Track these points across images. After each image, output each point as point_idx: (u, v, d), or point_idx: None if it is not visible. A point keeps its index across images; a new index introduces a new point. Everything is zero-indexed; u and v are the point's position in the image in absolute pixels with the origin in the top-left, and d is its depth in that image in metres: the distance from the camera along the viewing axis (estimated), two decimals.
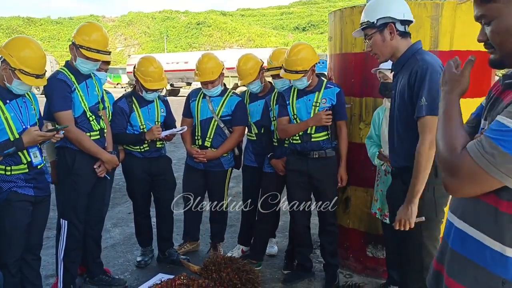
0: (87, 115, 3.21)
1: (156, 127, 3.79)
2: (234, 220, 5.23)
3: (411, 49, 2.47)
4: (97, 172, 3.28)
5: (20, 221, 2.73)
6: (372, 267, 3.79)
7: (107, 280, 3.58)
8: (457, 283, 1.46)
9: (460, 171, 1.32)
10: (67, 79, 3.12)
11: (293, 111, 3.61)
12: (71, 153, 3.18)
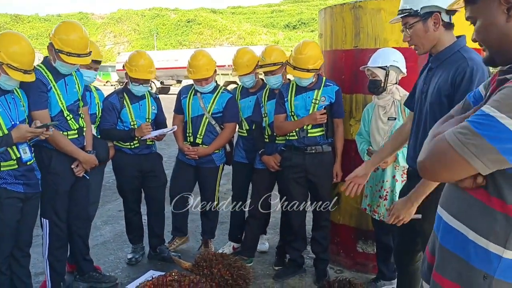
0: (64, 114, 3.12)
1: (145, 125, 3.77)
2: (225, 217, 5.22)
3: (456, 45, 2.25)
4: (75, 172, 3.22)
5: (9, 218, 2.71)
6: (362, 263, 3.83)
7: (98, 277, 3.57)
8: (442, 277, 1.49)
9: (432, 151, 1.36)
10: (43, 77, 3.02)
11: (291, 107, 3.62)
12: (47, 152, 3.11)
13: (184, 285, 2.91)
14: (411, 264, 2.58)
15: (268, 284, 3.66)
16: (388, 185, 3.23)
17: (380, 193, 3.26)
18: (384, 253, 3.45)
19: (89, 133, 3.39)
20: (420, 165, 1.42)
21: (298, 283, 3.67)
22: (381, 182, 3.27)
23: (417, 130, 2.36)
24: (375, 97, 3.29)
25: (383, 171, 3.24)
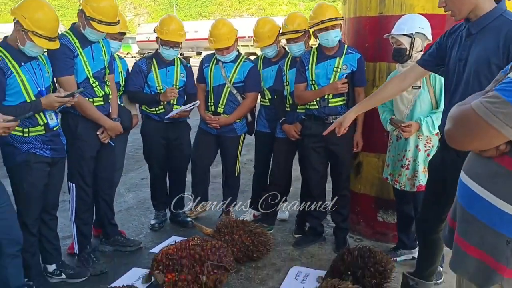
0: (90, 81, 3.16)
1: (170, 89, 3.77)
2: (245, 186, 5.28)
3: (498, 9, 2.13)
4: (100, 138, 3.28)
5: (38, 182, 2.80)
6: (382, 232, 3.84)
7: (123, 241, 3.68)
8: (464, 241, 1.50)
9: (461, 120, 1.34)
10: (70, 43, 3.05)
11: (311, 76, 3.59)
12: (74, 118, 3.18)
13: (206, 249, 2.98)
14: (434, 233, 2.57)
15: (288, 251, 3.71)
16: (411, 154, 3.19)
17: (402, 163, 3.23)
18: (405, 222, 3.45)
19: (114, 101, 3.43)
20: (448, 134, 1.41)
21: (317, 251, 3.72)
22: (403, 151, 3.23)
23: (452, 98, 2.30)
24: (399, 65, 3.22)
25: (406, 141, 3.20)
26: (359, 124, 3.61)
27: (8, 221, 2.54)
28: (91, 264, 3.32)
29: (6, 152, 2.75)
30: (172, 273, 2.86)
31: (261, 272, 3.34)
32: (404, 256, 3.47)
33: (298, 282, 3.18)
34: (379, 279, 2.90)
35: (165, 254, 2.96)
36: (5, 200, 2.53)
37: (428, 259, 2.65)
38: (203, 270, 2.87)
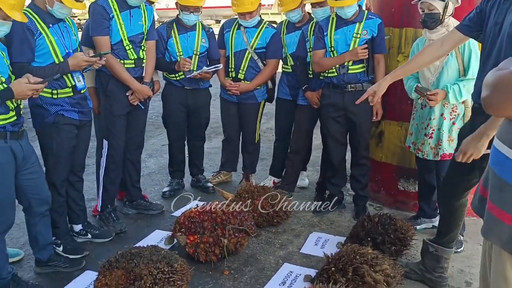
0: (124, 44, 3.22)
1: (184, 60, 3.74)
2: (265, 154, 5.30)
3: None
4: (130, 100, 3.35)
5: (66, 144, 2.85)
6: (402, 201, 3.84)
7: (145, 205, 3.76)
8: (497, 208, 1.48)
9: (499, 85, 1.30)
10: (107, 5, 3.13)
11: (330, 43, 3.52)
12: (105, 77, 3.27)
13: (227, 213, 3.03)
14: (457, 201, 2.55)
15: (308, 217, 3.74)
16: (435, 123, 3.14)
17: (426, 131, 3.19)
18: (426, 191, 3.43)
19: (150, 66, 3.46)
20: (485, 101, 1.37)
21: (337, 218, 3.74)
22: (427, 119, 3.18)
23: (485, 64, 2.23)
24: (426, 31, 3.12)
25: (430, 109, 3.14)
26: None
27: (37, 181, 2.61)
28: (111, 222, 3.42)
29: (35, 113, 2.80)
30: (194, 235, 2.92)
31: (281, 237, 3.39)
32: (424, 224, 3.47)
33: (318, 247, 3.22)
34: (399, 245, 2.93)
35: (187, 217, 3.02)
36: (34, 161, 2.59)
37: (449, 226, 2.65)
38: (224, 233, 2.93)
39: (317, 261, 3.00)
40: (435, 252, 2.68)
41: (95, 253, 3.10)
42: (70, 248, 3.00)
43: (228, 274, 2.86)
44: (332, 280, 2.47)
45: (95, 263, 2.87)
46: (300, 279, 2.80)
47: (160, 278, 2.36)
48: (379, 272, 2.48)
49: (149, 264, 2.39)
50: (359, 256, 2.55)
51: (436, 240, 2.71)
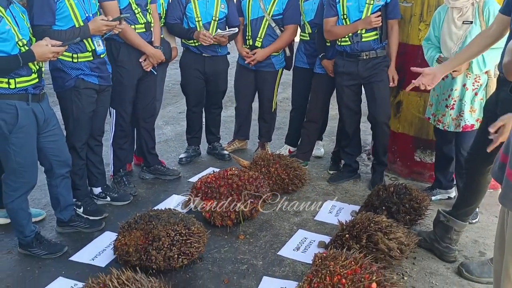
0: (133, 7, 3.19)
1: (203, 34, 3.70)
2: (281, 123, 5.30)
3: None
4: (143, 66, 3.34)
5: (86, 107, 2.89)
6: (418, 171, 3.82)
7: (162, 170, 3.82)
8: None
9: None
10: None
11: (342, 10, 3.45)
12: (116, 45, 3.26)
13: (243, 179, 3.06)
14: (480, 174, 2.50)
15: (323, 186, 3.77)
16: (457, 94, 3.08)
17: (447, 102, 3.13)
18: (444, 162, 3.41)
19: (157, 29, 3.44)
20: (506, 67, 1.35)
21: (352, 187, 3.76)
22: (449, 90, 3.12)
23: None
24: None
25: (452, 79, 3.08)
26: (393, 58, 3.50)
27: (58, 144, 2.66)
28: (122, 186, 3.50)
29: (56, 77, 2.83)
30: (211, 200, 2.97)
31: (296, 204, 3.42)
32: (439, 195, 3.46)
33: (332, 215, 3.25)
34: (413, 215, 2.94)
35: (203, 182, 3.07)
36: (55, 124, 2.64)
37: (468, 200, 2.63)
38: (240, 199, 2.97)
39: (331, 229, 3.04)
40: (445, 222, 2.68)
41: (114, 215, 3.18)
42: (90, 210, 3.09)
43: (243, 239, 2.91)
44: (346, 246, 2.51)
45: (114, 224, 2.95)
46: (314, 245, 2.84)
47: (177, 240, 2.42)
48: (393, 240, 2.50)
49: (167, 226, 2.45)
50: (373, 223, 2.57)
51: (451, 211, 2.71)
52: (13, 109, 2.34)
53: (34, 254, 2.63)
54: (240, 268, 2.59)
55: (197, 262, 2.62)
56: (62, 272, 2.52)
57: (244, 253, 2.75)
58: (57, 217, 2.90)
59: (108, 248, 2.74)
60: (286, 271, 2.57)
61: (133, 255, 2.42)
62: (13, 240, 2.78)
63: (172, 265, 2.42)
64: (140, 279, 2.07)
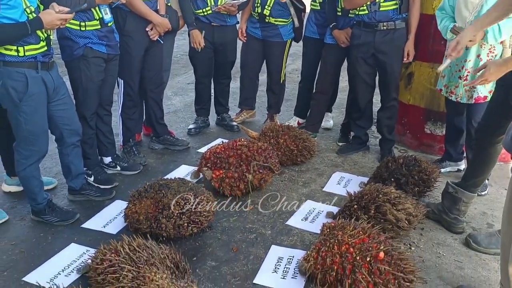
0: None
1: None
2: (290, 95, 5.27)
3: None
4: (150, 35, 3.31)
5: (95, 76, 2.88)
6: (428, 144, 3.80)
7: (172, 140, 3.84)
8: None
9: None
10: None
11: None
12: (122, 14, 3.21)
13: (252, 150, 3.06)
14: (491, 145, 2.47)
15: (331, 158, 3.76)
16: (471, 64, 3.02)
17: (461, 73, 3.07)
18: (454, 135, 3.38)
19: None
20: None
21: (361, 159, 3.75)
22: (462, 61, 3.06)
23: None
24: None
25: (466, 50, 3.01)
26: (412, 32, 3.41)
27: (68, 113, 2.67)
28: (132, 156, 3.53)
29: (64, 46, 2.81)
30: (220, 170, 2.98)
31: (304, 175, 3.43)
32: (449, 167, 3.45)
33: (341, 186, 3.26)
34: (422, 187, 2.93)
35: (213, 153, 3.07)
36: (65, 92, 2.64)
37: (477, 171, 2.61)
38: (249, 169, 2.98)
39: (340, 200, 3.05)
40: (454, 194, 2.68)
41: (124, 184, 3.21)
42: (101, 179, 3.12)
43: (252, 208, 2.94)
44: (354, 216, 2.52)
45: (125, 193, 2.99)
46: (322, 215, 2.86)
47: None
48: (401, 211, 2.51)
49: (177, 195, 2.47)
50: (382, 195, 2.57)
51: (460, 183, 2.70)
52: (22, 77, 2.34)
53: (46, 221, 2.68)
54: (249, 237, 2.62)
55: (206, 231, 2.65)
56: (75, 238, 2.57)
57: (252, 223, 2.78)
58: (69, 186, 2.94)
59: (119, 216, 2.78)
60: (294, 240, 2.60)
61: (144, 223, 2.45)
62: (26, 207, 2.83)
63: (182, 233, 2.46)
64: (150, 246, 2.11)
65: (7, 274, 2.26)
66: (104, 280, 1.98)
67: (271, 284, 2.22)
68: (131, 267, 1.95)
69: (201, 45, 3.84)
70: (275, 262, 2.39)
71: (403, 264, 2.06)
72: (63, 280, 2.18)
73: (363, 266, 2.03)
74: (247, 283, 2.23)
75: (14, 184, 3.03)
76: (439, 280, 2.29)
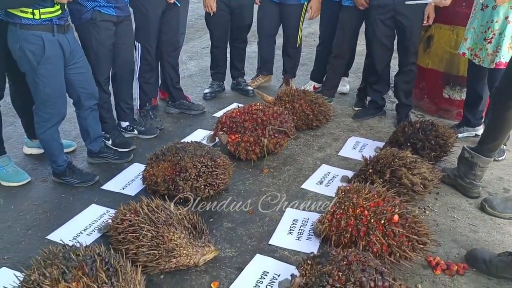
0: None
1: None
2: (306, 59, 5.21)
3: None
4: None
5: (105, 40, 2.87)
6: (446, 109, 3.75)
7: (187, 105, 3.85)
8: None
9: None
10: None
11: None
12: None
13: (268, 114, 3.06)
14: (507, 109, 2.44)
15: (347, 122, 3.75)
16: (497, 26, 2.91)
17: (486, 35, 2.96)
18: (473, 100, 3.32)
19: None
20: None
21: (377, 124, 3.73)
22: (489, 22, 2.94)
23: None
24: None
25: (493, 10, 2.89)
26: None
27: (84, 76, 2.68)
28: (149, 120, 3.56)
29: (72, 10, 2.78)
30: (236, 134, 3.00)
31: (320, 140, 3.44)
32: (466, 133, 3.41)
33: (356, 151, 3.26)
34: (439, 152, 2.92)
35: (228, 117, 3.08)
36: (81, 56, 2.65)
37: (493, 135, 2.58)
38: (264, 133, 2.99)
39: (355, 164, 3.06)
40: (470, 158, 2.66)
41: (141, 147, 3.26)
42: (119, 142, 3.17)
43: (267, 172, 2.97)
44: (369, 180, 2.53)
45: (142, 156, 3.04)
46: (337, 179, 2.88)
47: (204, 171, 2.49)
48: (417, 175, 2.51)
49: (194, 158, 2.51)
50: (397, 159, 2.57)
51: (476, 147, 2.68)
52: (39, 40, 2.35)
53: (67, 182, 2.76)
54: (265, 199, 2.66)
55: (223, 193, 2.70)
56: (95, 199, 2.64)
57: (268, 186, 2.81)
58: (88, 148, 3.00)
59: (137, 178, 2.84)
60: (309, 204, 2.63)
61: (161, 185, 2.50)
62: (47, 169, 2.90)
63: (199, 195, 2.50)
64: (168, 207, 2.16)
65: (31, 232, 2.35)
66: (124, 239, 2.05)
67: (286, 245, 2.27)
68: (150, 227, 2.01)
69: (213, 10, 3.78)
70: (290, 224, 2.43)
71: (417, 227, 2.09)
72: (85, 238, 2.26)
73: (377, 228, 2.05)
74: (263, 244, 2.28)
75: (34, 146, 3.10)
76: (453, 243, 2.31)
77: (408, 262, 2.04)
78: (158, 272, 2.03)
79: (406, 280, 2.03)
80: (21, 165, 2.95)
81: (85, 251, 1.79)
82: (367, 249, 2.04)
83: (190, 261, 2.04)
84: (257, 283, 2.02)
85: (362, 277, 1.63)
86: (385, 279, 1.63)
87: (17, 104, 2.94)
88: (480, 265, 2.11)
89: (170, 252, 1.98)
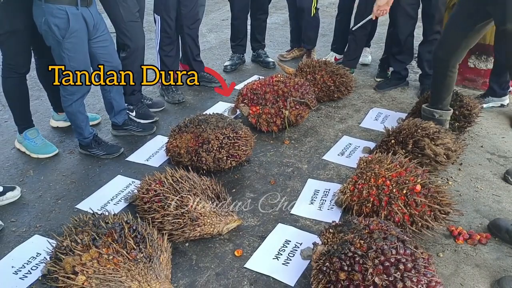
0: None
1: None
2: (327, 30, 5.12)
3: None
4: None
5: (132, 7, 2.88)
6: (471, 78, 3.67)
7: (208, 77, 3.86)
8: None
9: None
10: None
11: None
12: None
13: (289, 85, 3.05)
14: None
15: (369, 94, 3.71)
16: None
17: None
18: (500, 69, 3.24)
19: None
20: None
21: (399, 95, 3.68)
22: None
23: None
24: None
25: None
26: None
27: (108, 49, 2.71)
28: (170, 93, 3.59)
29: None
30: (257, 106, 3.01)
31: (341, 111, 3.42)
32: (492, 103, 3.35)
33: (378, 122, 3.24)
34: (463, 122, 2.88)
35: (249, 89, 3.09)
36: (104, 29, 2.67)
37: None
38: (285, 105, 2.99)
39: (376, 135, 3.04)
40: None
41: (164, 120, 3.30)
42: (142, 113, 3.22)
43: (288, 144, 2.98)
44: (391, 151, 2.52)
45: (165, 129, 3.09)
46: (359, 150, 2.88)
47: (226, 143, 2.52)
48: (440, 146, 2.48)
49: (216, 130, 2.53)
50: (420, 129, 2.54)
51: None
52: (64, 14, 2.38)
53: (93, 154, 2.83)
54: (286, 170, 2.69)
55: (245, 165, 2.73)
56: (120, 170, 2.71)
57: (289, 157, 2.83)
58: (112, 121, 3.06)
59: (160, 150, 2.90)
60: (331, 174, 2.65)
61: (185, 156, 2.55)
62: (73, 141, 2.98)
63: (221, 167, 2.54)
64: (192, 177, 2.21)
65: (61, 202, 2.44)
66: (150, 208, 2.11)
67: (308, 214, 2.31)
68: (175, 196, 2.07)
69: None
70: (312, 195, 2.46)
71: (440, 197, 2.08)
72: (113, 207, 2.34)
73: (399, 198, 2.06)
74: (285, 213, 2.32)
75: (61, 119, 3.17)
76: (476, 213, 2.31)
77: (430, 231, 2.05)
78: (183, 240, 2.09)
79: (428, 249, 2.04)
80: (48, 137, 3.04)
81: (114, 219, 1.86)
82: (388, 218, 2.06)
83: (214, 230, 2.09)
84: (280, 251, 2.06)
85: (383, 245, 1.65)
86: (407, 247, 1.65)
87: (43, 78, 3.01)
88: (503, 234, 2.10)
89: (194, 221, 2.03)
